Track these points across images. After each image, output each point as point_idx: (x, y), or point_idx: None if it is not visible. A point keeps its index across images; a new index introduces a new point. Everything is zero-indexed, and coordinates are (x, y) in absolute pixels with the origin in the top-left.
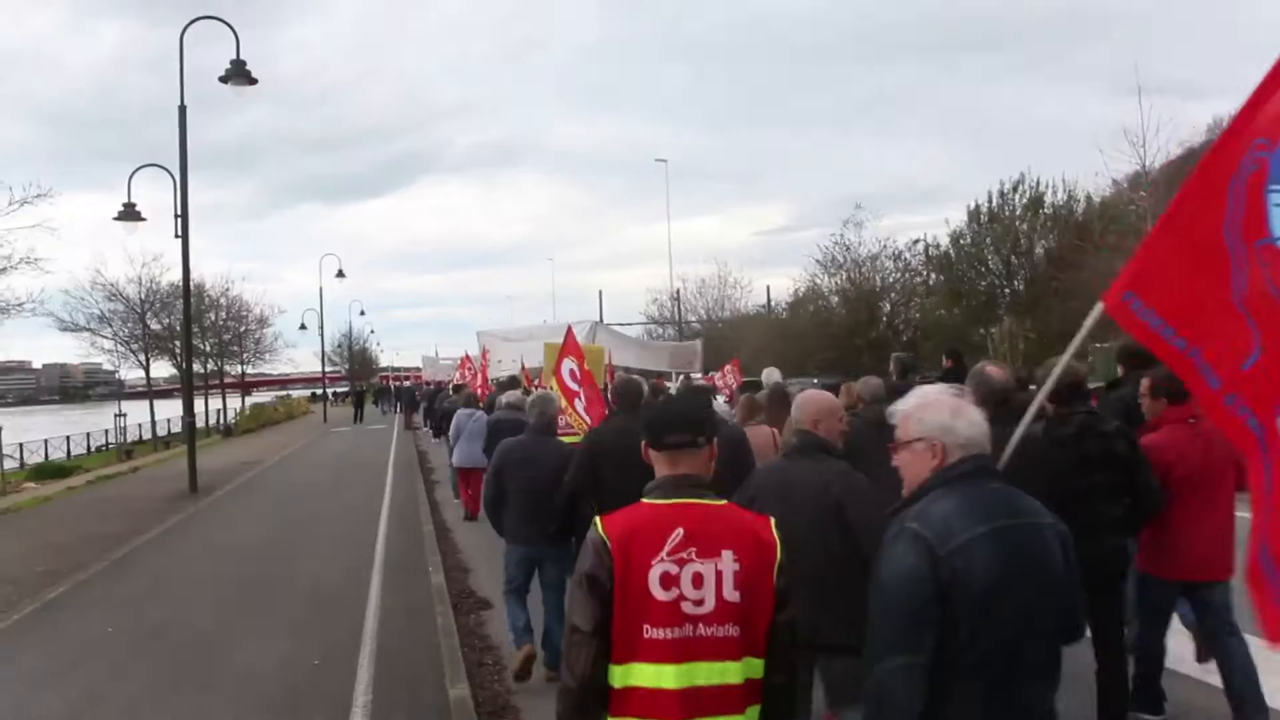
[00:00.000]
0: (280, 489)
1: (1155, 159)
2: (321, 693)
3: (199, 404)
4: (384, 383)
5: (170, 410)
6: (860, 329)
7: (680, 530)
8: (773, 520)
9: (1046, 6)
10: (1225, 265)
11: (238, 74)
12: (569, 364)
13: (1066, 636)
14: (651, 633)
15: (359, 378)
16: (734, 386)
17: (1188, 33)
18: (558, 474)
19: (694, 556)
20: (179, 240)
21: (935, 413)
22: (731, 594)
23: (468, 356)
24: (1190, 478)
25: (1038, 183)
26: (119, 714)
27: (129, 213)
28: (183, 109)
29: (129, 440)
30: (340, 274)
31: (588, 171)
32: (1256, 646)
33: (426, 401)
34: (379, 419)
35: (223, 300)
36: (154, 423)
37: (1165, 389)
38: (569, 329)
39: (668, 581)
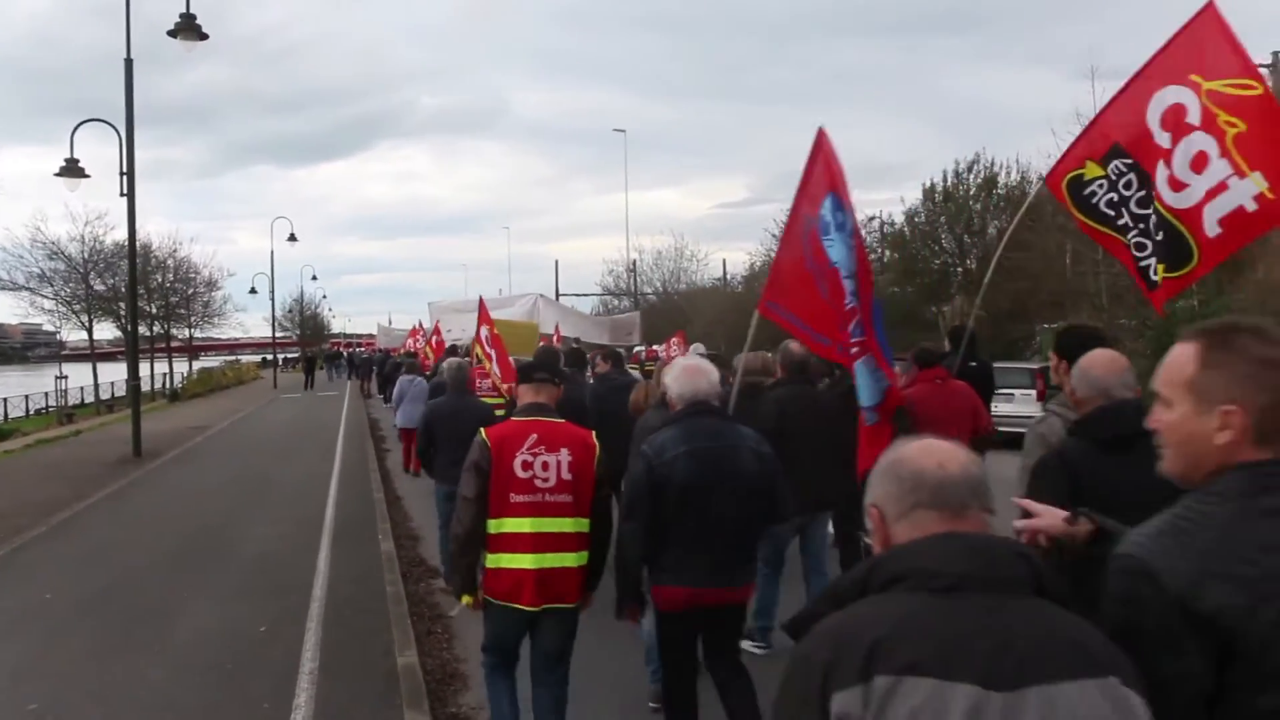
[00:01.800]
0: (228, 455)
1: None
2: (267, 659)
3: (144, 368)
4: (334, 348)
5: (114, 374)
6: None
7: (534, 435)
8: (593, 432)
9: None
10: (812, 280)
11: (187, 28)
12: (484, 331)
13: (766, 519)
14: (515, 498)
15: (310, 344)
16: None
17: (1144, 18)
18: (476, 425)
19: (543, 451)
20: (124, 198)
21: (670, 376)
22: (566, 475)
23: (418, 326)
24: (932, 421)
25: (992, 163)
26: (56, 680)
27: (71, 169)
28: (129, 62)
29: (70, 404)
30: (292, 238)
31: (550, 140)
32: None
33: (379, 369)
34: (329, 385)
35: (170, 261)
36: (97, 386)
37: (918, 358)
38: (480, 302)
39: (526, 466)
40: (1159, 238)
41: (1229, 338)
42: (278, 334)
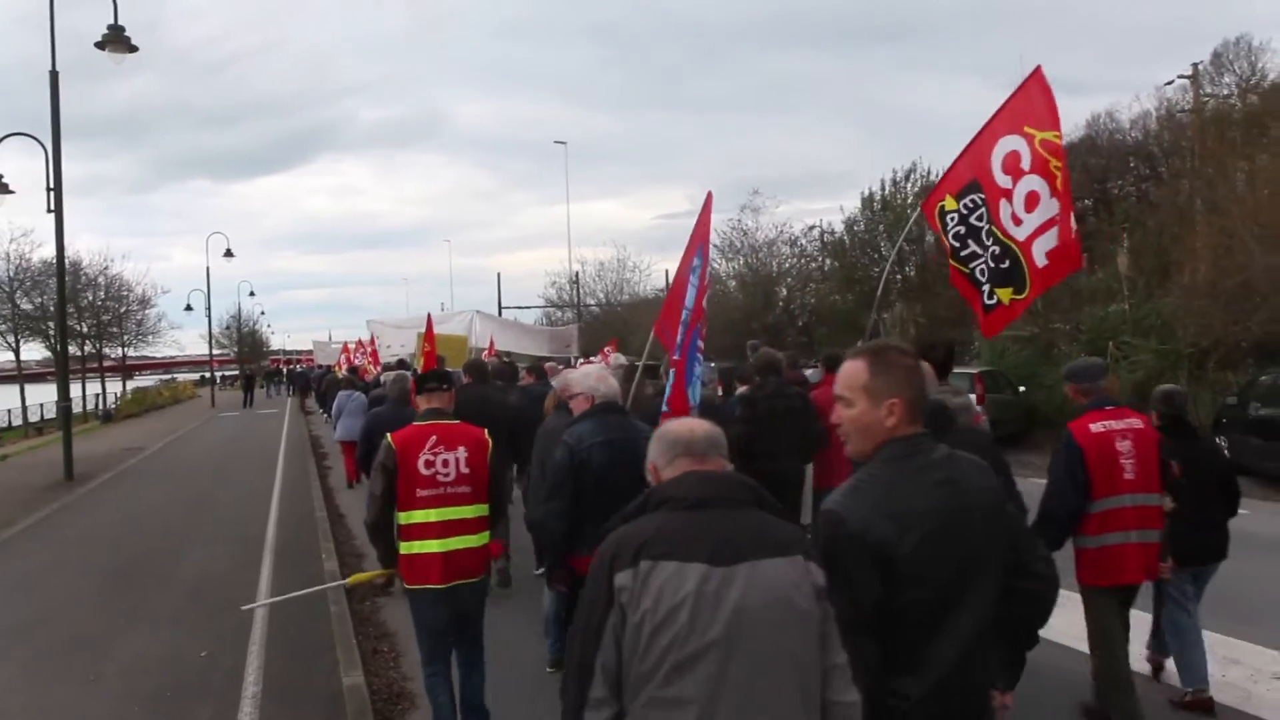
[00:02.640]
0: (165, 476)
1: None
2: (209, 684)
3: (76, 388)
4: (274, 365)
5: (43, 395)
6: (757, 314)
7: (434, 436)
8: (485, 430)
9: (945, 2)
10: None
11: (115, 40)
12: (427, 347)
13: None
14: (421, 492)
15: (248, 361)
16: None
17: (1074, 31)
18: None
19: (443, 450)
20: (52, 214)
21: (588, 378)
22: (465, 469)
23: (356, 343)
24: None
25: (929, 171)
26: None
27: None
28: (54, 74)
29: None
30: (229, 253)
31: (490, 152)
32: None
33: (317, 384)
34: (269, 403)
35: (101, 279)
36: (25, 408)
37: (826, 361)
38: (428, 318)
39: (428, 464)
40: (1005, 265)
41: (885, 354)
42: (215, 351)
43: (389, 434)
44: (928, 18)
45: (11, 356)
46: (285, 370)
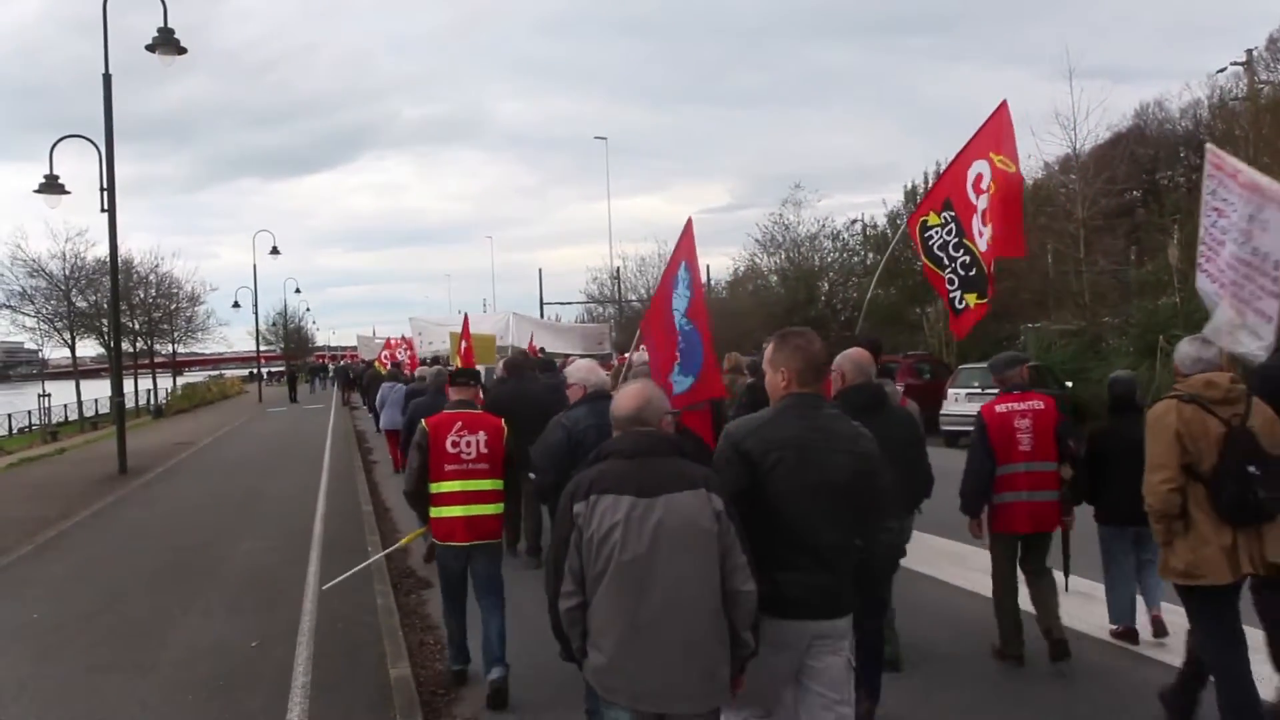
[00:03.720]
0: (215, 470)
1: (1085, 142)
2: (260, 674)
3: (128, 384)
4: (318, 361)
5: (97, 391)
6: (799, 308)
7: (460, 422)
8: (503, 420)
9: None
10: (664, 327)
11: (165, 42)
12: (463, 344)
13: None
14: (448, 467)
15: (294, 357)
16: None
17: (1123, 17)
18: None
19: (466, 433)
20: (105, 214)
21: (579, 370)
22: (484, 449)
23: (399, 339)
24: None
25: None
26: (47, 701)
27: (51, 185)
28: (107, 77)
29: (54, 422)
30: (275, 251)
31: (532, 149)
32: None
33: (359, 379)
34: (313, 398)
35: (152, 277)
36: (80, 403)
37: None
38: (465, 318)
39: (454, 445)
40: (972, 273)
41: (785, 337)
42: (262, 348)
43: (423, 419)
44: (968, 8)
45: (68, 353)
46: (330, 366)
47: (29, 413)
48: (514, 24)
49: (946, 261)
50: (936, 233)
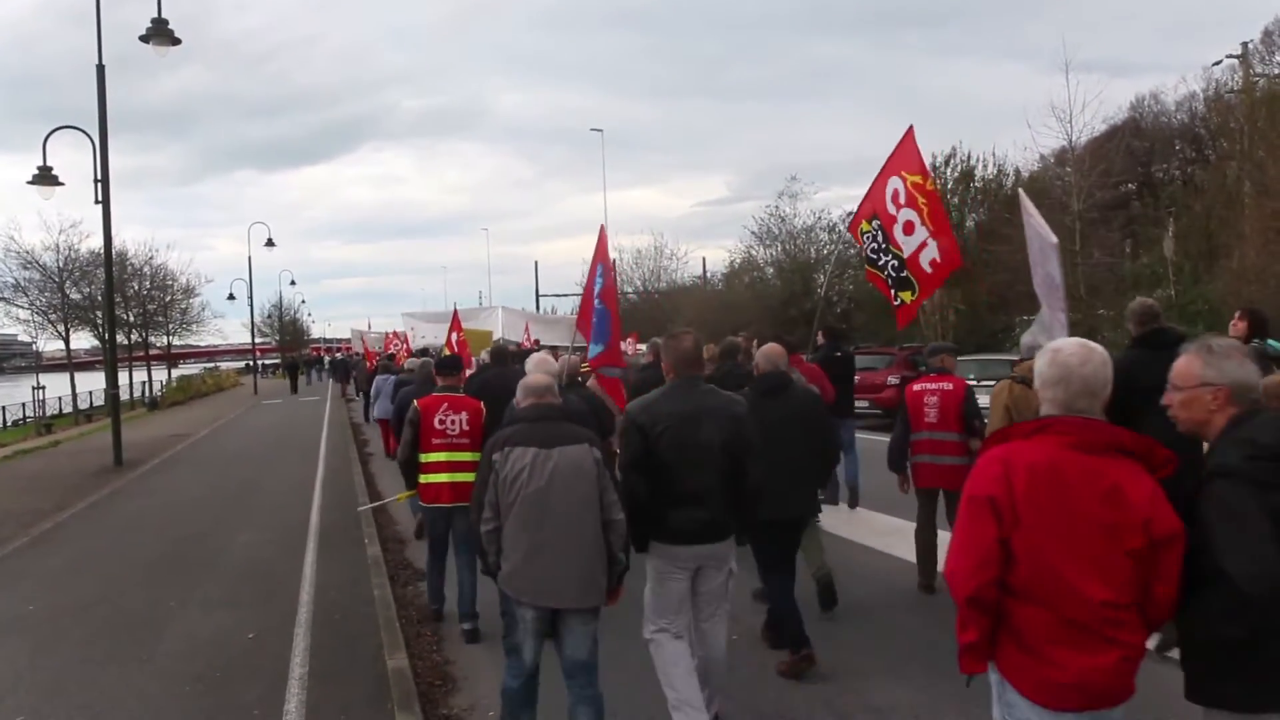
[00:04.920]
0: (210, 462)
1: (1080, 135)
2: (257, 665)
3: (123, 376)
4: (314, 354)
5: (92, 383)
6: (795, 300)
7: (446, 404)
8: (482, 401)
9: None
10: (589, 314)
11: (159, 33)
12: (454, 336)
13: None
14: (435, 441)
15: (289, 349)
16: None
17: (1120, 11)
18: None
19: (451, 413)
20: (100, 206)
21: (532, 362)
22: (466, 427)
23: (392, 334)
24: None
25: (969, 157)
26: (43, 692)
27: (44, 176)
28: (100, 68)
29: (48, 414)
30: (270, 243)
31: (529, 141)
32: None
33: (355, 372)
34: (309, 390)
35: (146, 269)
36: (75, 395)
37: (784, 347)
38: (454, 312)
39: (441, 422)
40: (902, 274)
41: (670, 337)
42: (257, 340)
43: (415, 400)
44: (966, 3)
45: (61, 345)
46: (326, 359)
47: (23, 405)
48: (514, 17)
49: (880, 263)
50: (868, 239)
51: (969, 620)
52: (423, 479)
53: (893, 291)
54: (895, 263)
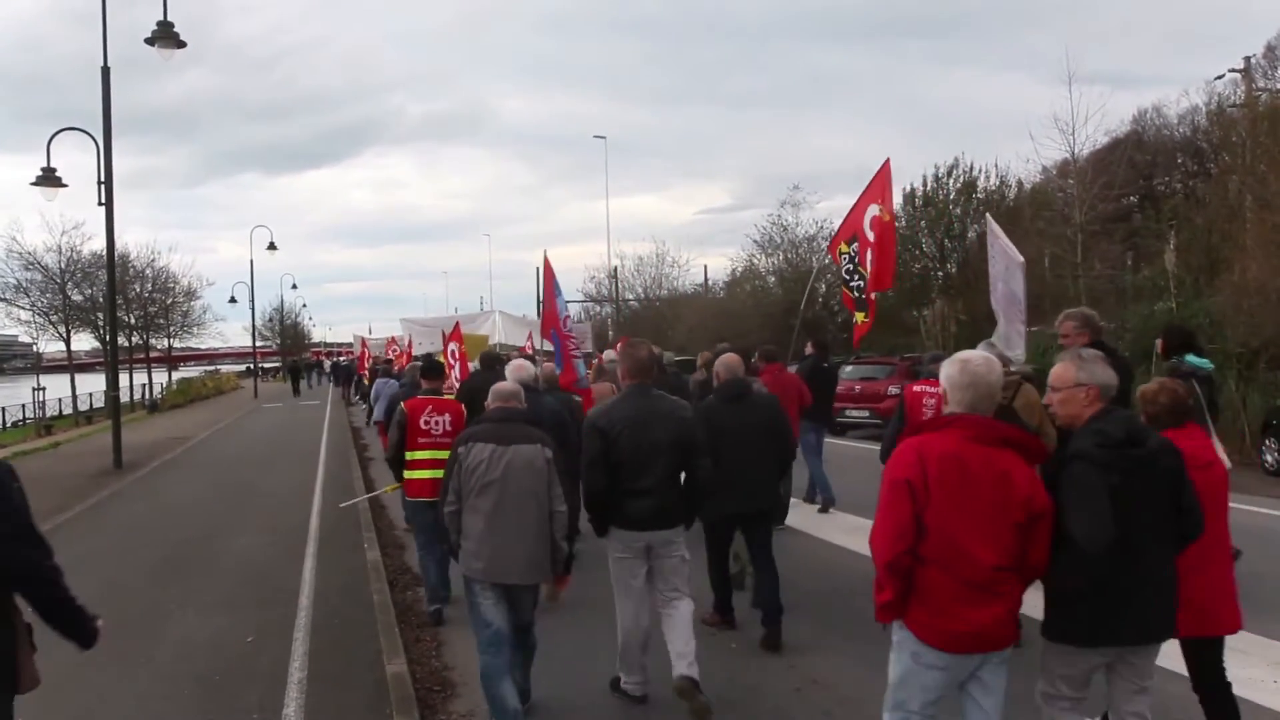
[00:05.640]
0: (210, 465)
1: (1083, 147)
2: (256, 668)
3: (123, 378)
4: (314, 358)
5: (92, 385)
6: (796, 309)
7: (431, 406)
8: (463, 405)
9: None
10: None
11: (164, 36)
12: (453, 346)
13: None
14: (421, 440)
15: (291, 353)
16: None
17: (1123, 24)
18: None
19: (435, 414)
20: (103, 207)
21: (512, 369)
22: (448, 427)
23: (392, 339)
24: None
25: (971, 167)
26: (42, 695)
27: (48, 178)
28: (105, 70)
29: (48, 415)
30: (272, 246)
31: (531, 147)
32: None
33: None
34: (309, 394)
35: (148, 271)
36: (75, 397)
37: (764, 355)
38: (456, 323)
39: (426, 423)
40: (860, 296)
41: (627, 347)
42: (258, 343)
43: (403, 403)
44: (969, 12)
45: (62, 347)
46: (326, 362)
47: (23, 406)
48: (520, 22)
49: (851, 284)
50: (845, 260)
51: (886, 582)
52: (408, 475)
53: (855, 310)
54: (861, 284)
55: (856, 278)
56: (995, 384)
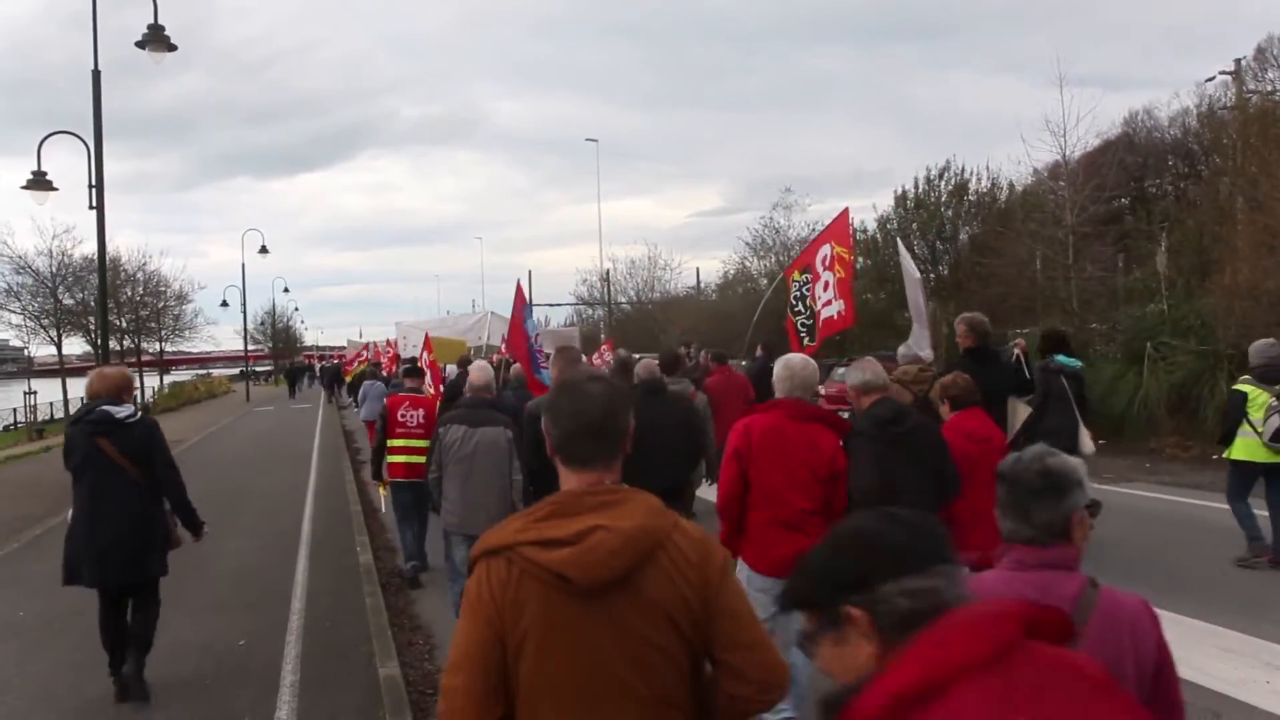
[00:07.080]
0: (202, 468)
1: (1074, 150)
2: (248, 672)
3: None
4: (306, 361)
5: (84, 388)
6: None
7: (408, 402)
8: (438, 402)
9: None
10: (525, 343)
11: (155, 39)
12: (426, 356)
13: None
14: (398, 430)
15: (283, 356)
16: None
17: (1115, 26)
18: None
19: (411, 409)
20: (94, 211)
21: (476, 370)
22: (422, 421)
23: (386, 343)
24: (722, 394)
25: (963, 170)
26: (33, 699)
27: (39, 181)
28: (96, 74)
29: (40, 419)
30: (264, 250)
31: (524, 150)
32: None
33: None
34: (301, 397)
35: (139, 275)
36: (66, 401)
37: (715, 357)
38: (425, 334)
39: (403, 416)
40: (810, 323)
41: (558, 349)
42: (250, 347)
43: (384, 399)
44: (961, 16)
45: (54, 351)
46: (317, 366)
47: (14, 410)
48: (513, 26)
49: (796, 309)
50: (796, 287)
51: (723, 523)
52: (389, 459)
53: (804, 336)
54: (807, 314)
55: (803, 306)
56: (810, 377)
